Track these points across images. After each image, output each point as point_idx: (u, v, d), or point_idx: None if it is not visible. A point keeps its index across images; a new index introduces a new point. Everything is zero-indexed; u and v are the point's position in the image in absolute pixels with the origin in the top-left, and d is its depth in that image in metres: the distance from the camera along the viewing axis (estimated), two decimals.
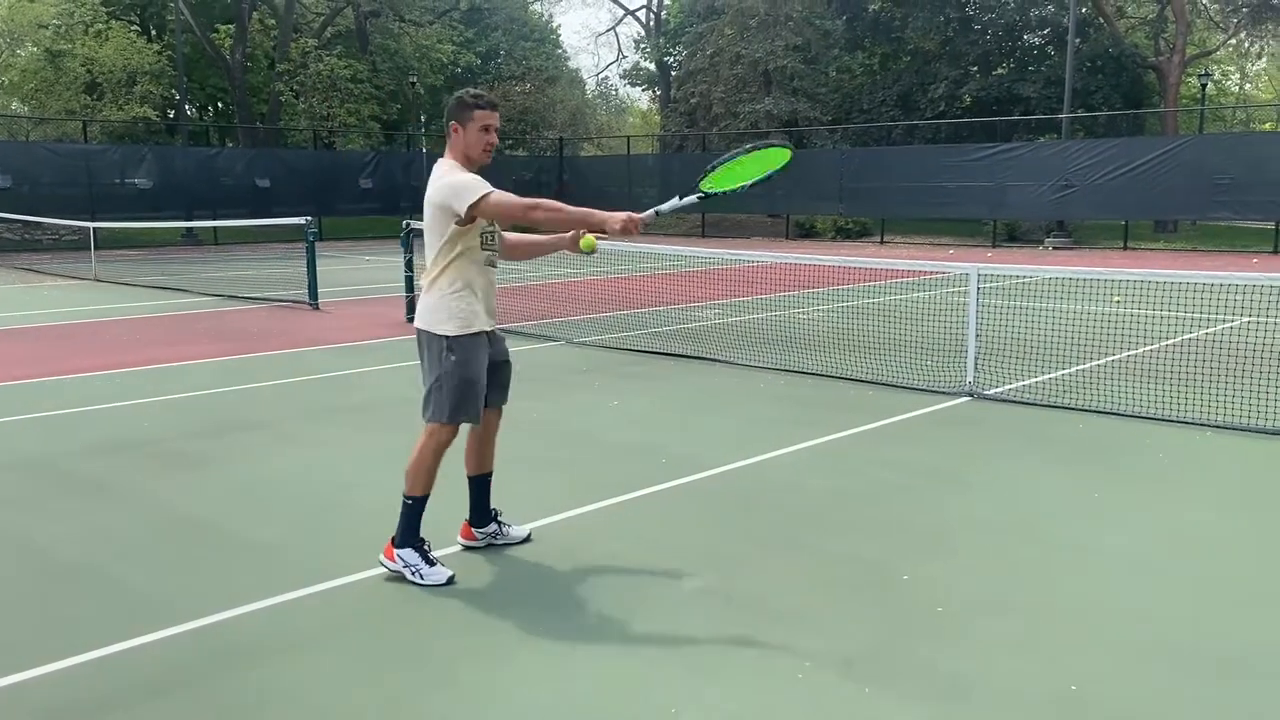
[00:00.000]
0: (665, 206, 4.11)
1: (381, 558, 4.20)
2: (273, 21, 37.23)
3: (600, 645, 3.61)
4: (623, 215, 3.99)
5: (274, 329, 11.44)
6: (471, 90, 4.24)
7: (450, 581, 4.10)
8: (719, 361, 9.07)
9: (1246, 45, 41.32)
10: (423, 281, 4.24)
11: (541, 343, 9.89)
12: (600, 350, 9.73)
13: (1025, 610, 3.87)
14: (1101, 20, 34.28)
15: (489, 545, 4.50)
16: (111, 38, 32.52)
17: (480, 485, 4.48)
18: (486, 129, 4.14)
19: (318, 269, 13.46)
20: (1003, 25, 34.68)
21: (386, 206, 31.31)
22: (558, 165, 36.45)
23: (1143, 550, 4.49)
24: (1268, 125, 43.93)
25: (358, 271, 19.51)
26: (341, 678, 3.38)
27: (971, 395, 7.53)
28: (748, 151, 4.17)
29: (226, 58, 35.85)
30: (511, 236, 4.57)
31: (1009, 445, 6.34)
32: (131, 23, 37.13)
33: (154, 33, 38.18)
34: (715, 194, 4.12)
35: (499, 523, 4.55)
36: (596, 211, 4.06)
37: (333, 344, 10.32)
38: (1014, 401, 7.42)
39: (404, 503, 4.18)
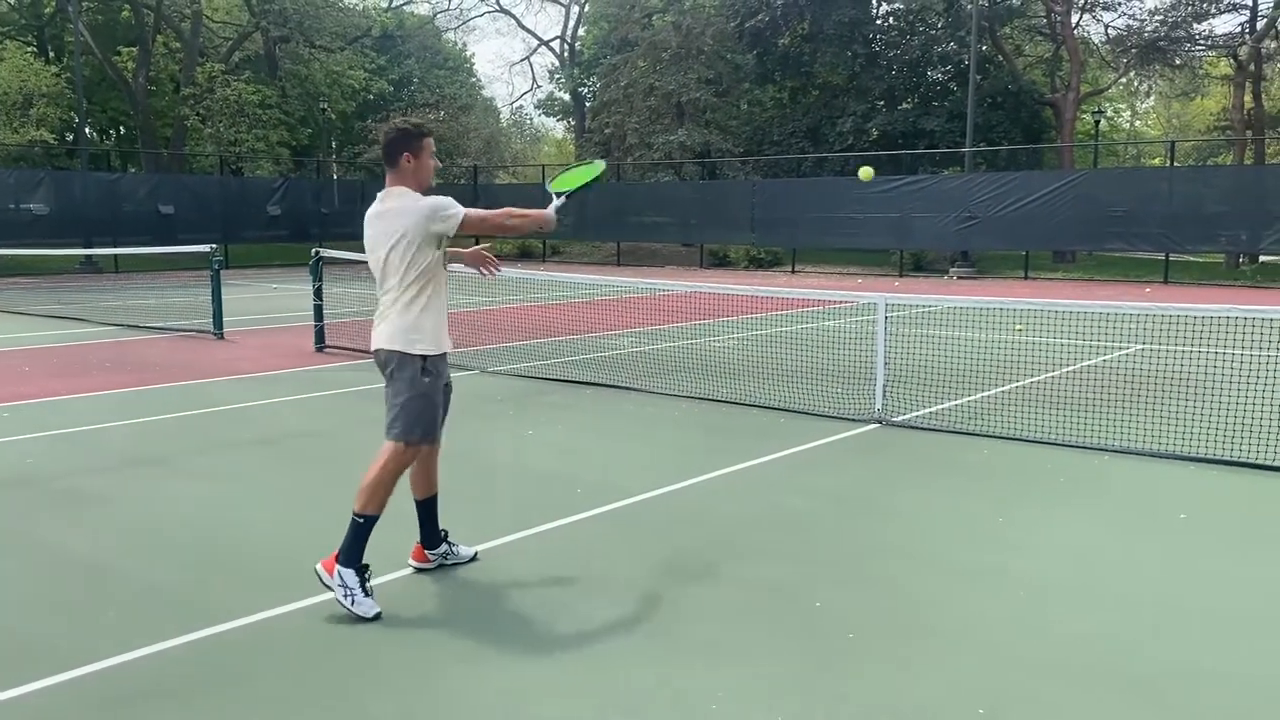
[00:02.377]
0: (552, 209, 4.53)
1: (319, 568, 4.10)
2: (178, 45, 36.43)
3: (512, 678, 3.55)
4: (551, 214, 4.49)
5: (176, 360, 11.10)
6: (411, 119, 4.40)
7: (377, 617, 4.00)
8: (634, 390, 9.08)
9: (1136, 84, 43.25)
10: (385, 305, 4.26)
11: (455, 372, 9.72)
12: (515, 379, 9.66)
13: (934, 634, 3.93)
14: (1001, 58, 35.55)
15: (440, 566, 4.56)
16: (6, 58, 31.44)
17: (429, 507, 4.55)
18: (433, 154, 4.33)
19: (223, 297, 13.12)
20: (907, 61, 35.69)
21: (295, 234, 30.76)
22: (472, 193, 36.26)
23: (1048, 572, 4.59)
24: (1156, 160, 45.97)
25: (265, 300, 19.08)
26: None
27: (880, 422, 7.66)
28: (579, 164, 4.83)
29: (129, 81, 34.93)
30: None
31: (916, 471, 6.46)
32: (28, 43, 35.96)
33: (52, 54, 37.01)
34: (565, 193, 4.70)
35: (449, 543, 4.61)
36: (539, 213, 4.45)
37: (237, 375, 10.04)
38: (921, 428, 7.57)
39: (354, 520, 4.09)
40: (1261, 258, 28.18)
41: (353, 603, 4.00)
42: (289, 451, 7.00)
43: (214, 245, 13.53)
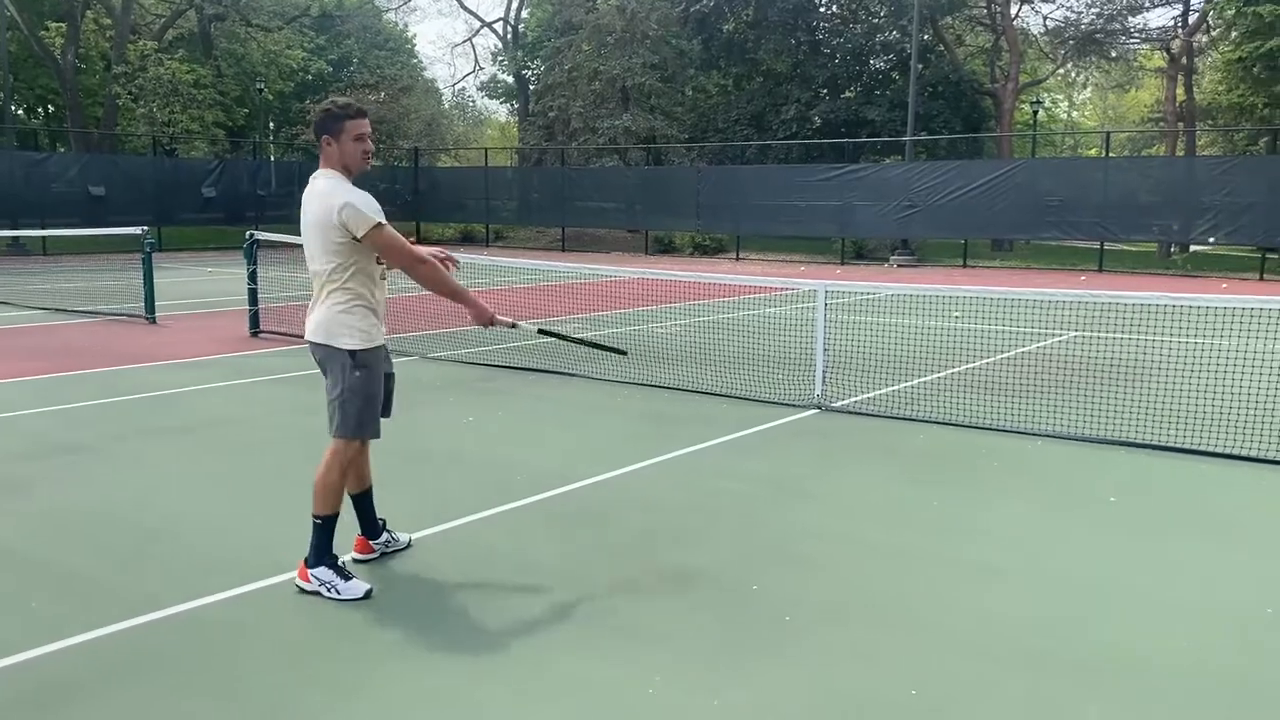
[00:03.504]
0: (529, 325, 4.43)
1: (296, 579, 4.11)
2: (109, 21, 35.43)
3: (449, 667, 3.50)
4: (489, 313, 4.38)
5: (105, 345, 10.82)
6: (338, 100, 4.13)
7: (368, 595, 4.04)
8: (577, 376, 9.03)
9: (1073, 75, 44.07)
10: (315, 294, 4.15)
11: (394, 358, 9.59)
12: (455, 365, 9.56)
13: (870, 617, 3.95)
14: (942, 47, 35.96)
15: (380, 555, 4.49)
16: None
17: (365, 500, 4.46)
18: (360, 138, 4.05)
19: (156, 281, 12.81)
20: (850, 50, 35.97)
21: (231, 216, 30.18)
22: (413, 175, 35.81)
23: (981, 555, 4.65)
24: (1093, 151, 46.85)
25: (198, 284, 18.70)
26: (157, 715, 3.18)
27: (820, 408, 7.71)
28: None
29: (57, 58, 33.92)
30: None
31: (854, 456, 6.51)
32: None
33: None
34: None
35: (387, 531, 4.54)
36: (470, 294, 4.31)
37: (168, 360, 9.81)
38: (859, 413, 7.63)
39: (314, 522, 4.09)
40: (1192, 247, 28.89)
41: (338, 593, 4.02)
42: (216, 438, 6.85)
43: (145, 228, 13.19)
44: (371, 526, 4.49)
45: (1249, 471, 6.12)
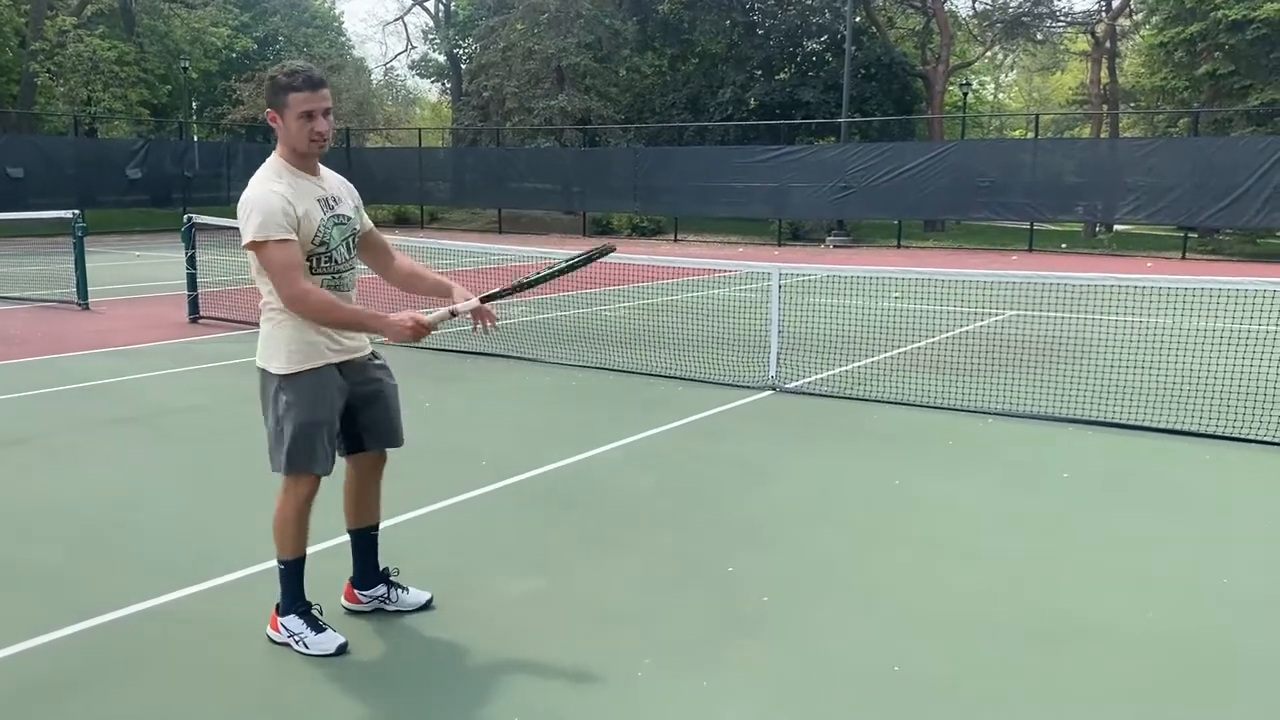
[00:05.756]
0: (465, 305, 3.72)
1: (267, 629, 3.60)
2: None
3: (428, 656, 3.49)
4: (408, 322, 3.40)
5: (38, 332, 10.48)
6: (289, 65, 3.38)
7: (341, 650, 3.50)
8: (526, 360, 9.00)
9: (1001, 58, 44.83)
10: None
11: None
12: (407, 350, 9.43)
13: (844, 595, 4.03)
14: (874, 29, 36.29)
15: (377, 610, 3.83)
16: None
17: (361, 540, 3.82)
18: (308, 115, 3.34)
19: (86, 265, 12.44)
20: (784, 31, 36.09)
21: (157, 198, 29.39)
22: (344, 157, 35.15)
23: (945, 532, 4.76)
24: (1018, 132, 47.79)
25: (129, 268, 18.19)
26: (136, 713, 3.12)
27: (774, 389, 7.79)
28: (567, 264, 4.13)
29: None
30: (404, 265, 4.03)
31: (813, 436, 6.60)
32: None
33: None
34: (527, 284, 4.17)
35: (390, 584, 3.86)
36: (374, 317, 3.45)
37: (108, 347, 9.55)
38: (813, 394, 7.73)
39: (278, 568, 3.58)
40: (1116, 226, 29.64)
41: (306, 646, 3.50)
42: (165, 428, 6.70)
43: (75, 211, 12.79)
44: (364, 573, 3.85)
45: (1191, 445, 6.33)
